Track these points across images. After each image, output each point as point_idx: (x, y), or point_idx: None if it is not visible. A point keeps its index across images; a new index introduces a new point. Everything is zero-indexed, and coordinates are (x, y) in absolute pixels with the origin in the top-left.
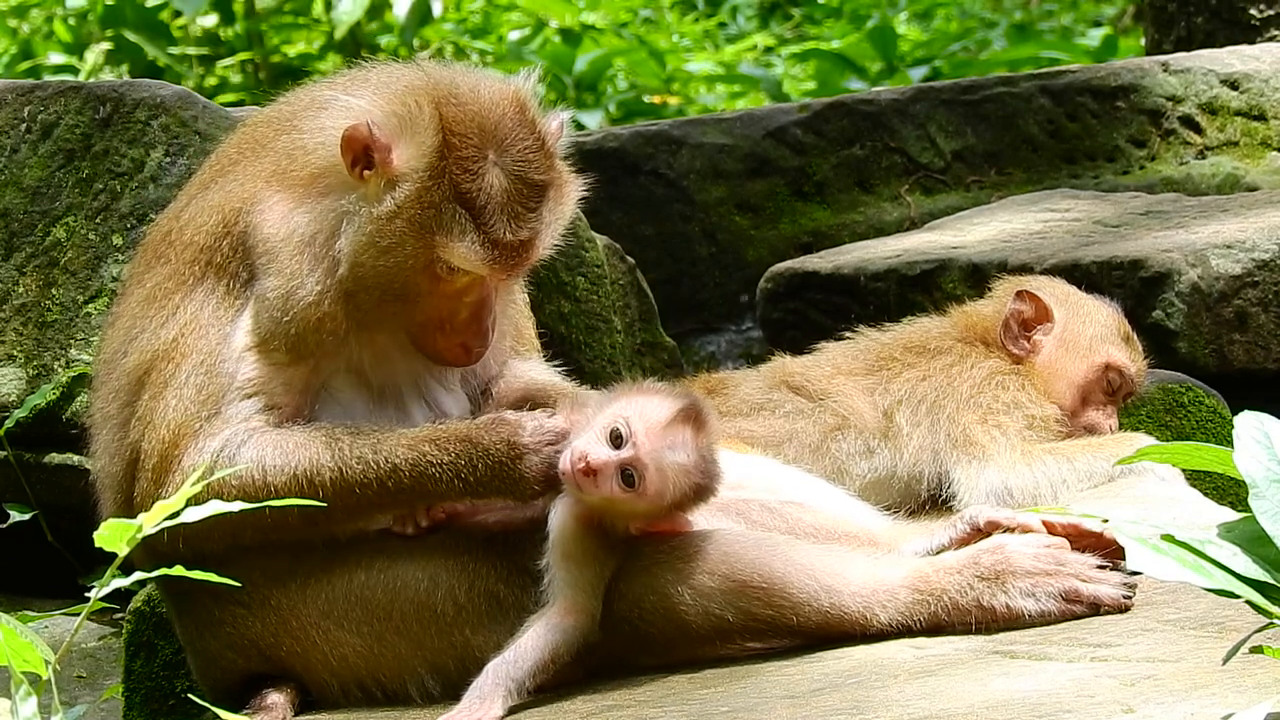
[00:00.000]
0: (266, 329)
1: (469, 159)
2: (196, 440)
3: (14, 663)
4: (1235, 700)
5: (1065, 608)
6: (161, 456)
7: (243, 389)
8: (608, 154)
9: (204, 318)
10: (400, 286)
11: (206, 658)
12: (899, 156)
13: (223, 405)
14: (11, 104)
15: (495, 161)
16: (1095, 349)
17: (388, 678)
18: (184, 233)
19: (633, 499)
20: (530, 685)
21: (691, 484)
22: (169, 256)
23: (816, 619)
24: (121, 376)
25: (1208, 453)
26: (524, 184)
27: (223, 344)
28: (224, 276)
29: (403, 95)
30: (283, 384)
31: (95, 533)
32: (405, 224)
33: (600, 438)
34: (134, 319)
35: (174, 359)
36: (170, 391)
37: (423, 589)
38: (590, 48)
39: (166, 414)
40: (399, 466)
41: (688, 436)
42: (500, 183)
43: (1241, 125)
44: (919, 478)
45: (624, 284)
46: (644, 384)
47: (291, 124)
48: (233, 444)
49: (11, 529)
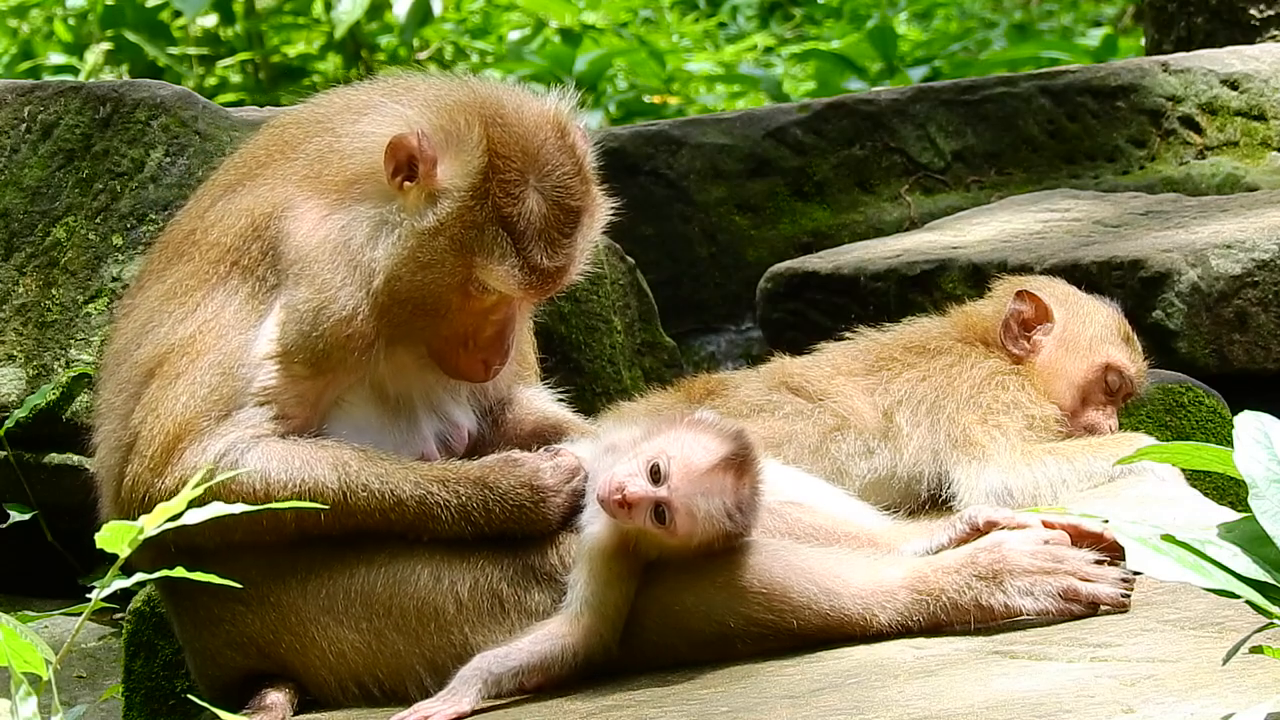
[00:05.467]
0: (293, 340)
1: (511, 182)
2: (201, 439)
3: (14, 663)
4: (1235, 700)
5: (1063, 606)
6: (162, 446)
7: (257, 396)
8: (608, 154)
9: (225, 318)
10: (432, 302)
11: (205, 656)
12: (899, 156)
13: (234, 409)
14: (11, 104)
15: (535, 186)
16: (1095, 349)
17: (385, 675)
18: (210, 232)
19: (664, 534)
20: (509, 685)
21: (721, 531)
22: (192, 255)
23: (817, 622)
24: (132, 368)
25: (1208, 453)
26: (562, 210)
27: (243, 349)
28: (249, 279)
29: (452, 111)
30: (297, 396)
31: (97, 534)
32: (447, 241)
33: (641, 469)
34: (151, 312)
35: (189, 354)
36: (181, 384)
37: (425, 586)
38: (590, 48)
39: (174, 406)
40: (403, 501)
41: (727, 484)
42: (540, 208)
43: (1241, 125)
44: (919, 478)
45: (624, 284)
46: (698, 418)
47: (326, 127)
48: (238, 449)
49: (11, 529)
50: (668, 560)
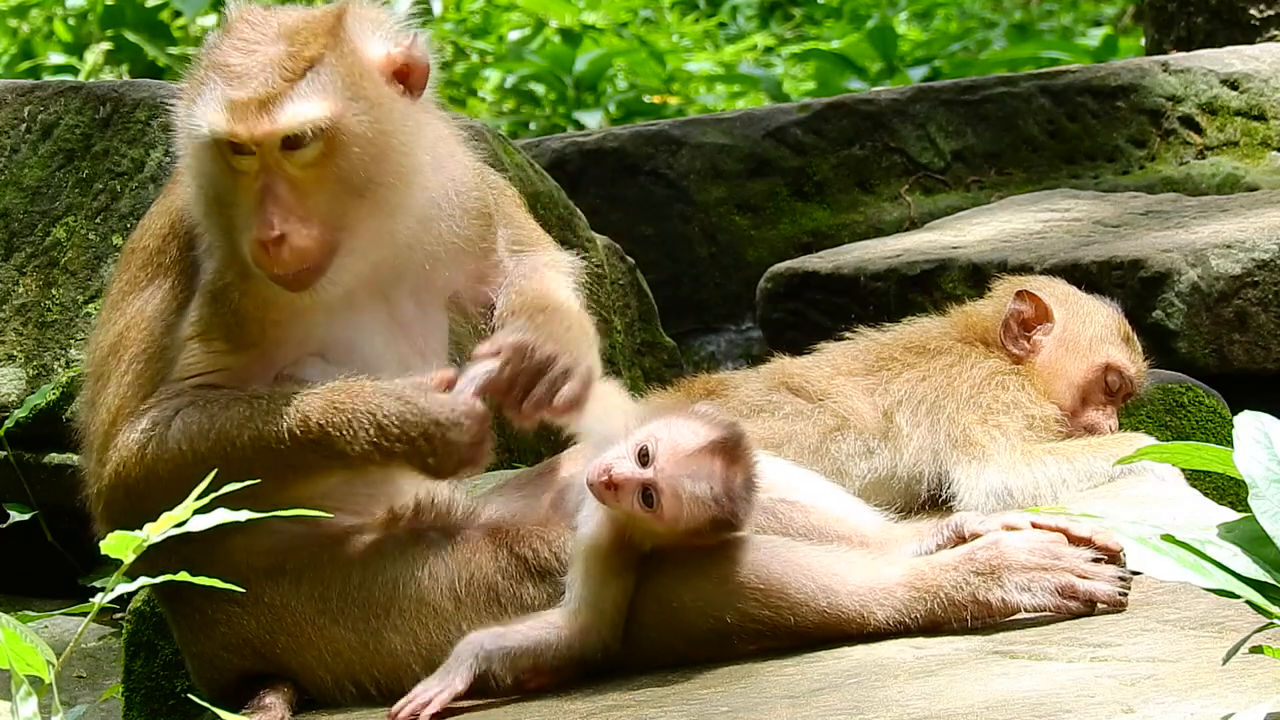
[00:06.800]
0: (205, 317)
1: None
2: (130, 419)
3: (15, 664)
4: (1235, 700)
5: (1061, 603)
6: (103, 436)
7: (180, 374)
8: (608, 154)
9: (149, 311)
10: (202, 185)
11: (202, 659)
12: (899, 156)
13: (158, 386)
14: (11, 104)
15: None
16: (1095, 349)
17: (382, 674)
18: (139, 240)
19: (651, 519)
20: (500, 667)
21: (708, 516)
22: (128, 265)
23: (814, 619)
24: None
25: (1208, 453)
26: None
27: (165, 334)
28: (171, 274)
29: None
30: (225, 370)
31: (101, 542)
32: (184, 109)
33: (630, 453)
34: (97, 329)
35: (119, 351)
36: (114, 380)
37: (422, 584)
38: (590, 48)
39: (109, 399)
40: (309, 415)
41: (715, 468)
42: (232, 46)
43: (1241, 125)
44: (919, 478)
45: (624, 284)
46: (693, 407)
47: None
48: (164, 417)
49: (11, 529)
50: (663, 552)
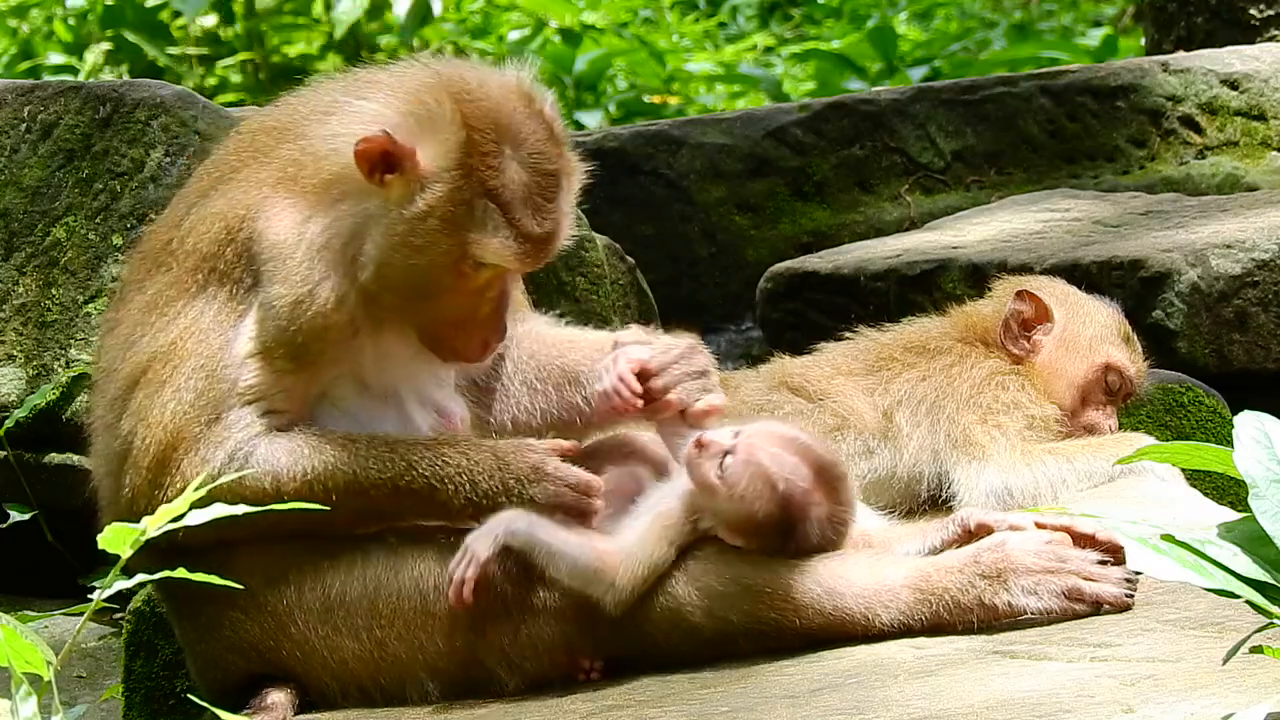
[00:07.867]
0: (271, 336)
1: (490, 154)
2: (197, 446)
3: (15, 664)
4: (1235, 700)
5: (1067, 605)
6: (158, 457)
7: (244, 395)
8: (608, 154)
9: (205, 322)
10: (426, 285)
11: (206, 660)
12: (899, 156)
13: (223, 411)
14: (11, 104)
15: (513, 155)
16: (1095, 349)
17: (388, 681)
18: (185, 241)
19: (720, 487)
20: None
21: (769, 506)
22: (170, 265)
23: (820, 620)
24: (119, 382)
25: (1208, 453)
26: (541, 175)
27: (224, 349)
28: (227, 283)
29: (418, 94)
30: (284, 391)
31: (99, 535)
32: (438, 222)
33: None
34: (134, 325)
35: (172, 361)
36: (168, 391)
37: (426, 593)
38: (590, 48)
39: (164, 414)
40: (414, 465)
41: (794, 463)
42: (521, 176)
43: (1241, 125)
44: (919, 478)
45: (624, 284)
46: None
47: (296, 130)
48: (242, 451)
49: (11, 529)
50: (696, 548)
